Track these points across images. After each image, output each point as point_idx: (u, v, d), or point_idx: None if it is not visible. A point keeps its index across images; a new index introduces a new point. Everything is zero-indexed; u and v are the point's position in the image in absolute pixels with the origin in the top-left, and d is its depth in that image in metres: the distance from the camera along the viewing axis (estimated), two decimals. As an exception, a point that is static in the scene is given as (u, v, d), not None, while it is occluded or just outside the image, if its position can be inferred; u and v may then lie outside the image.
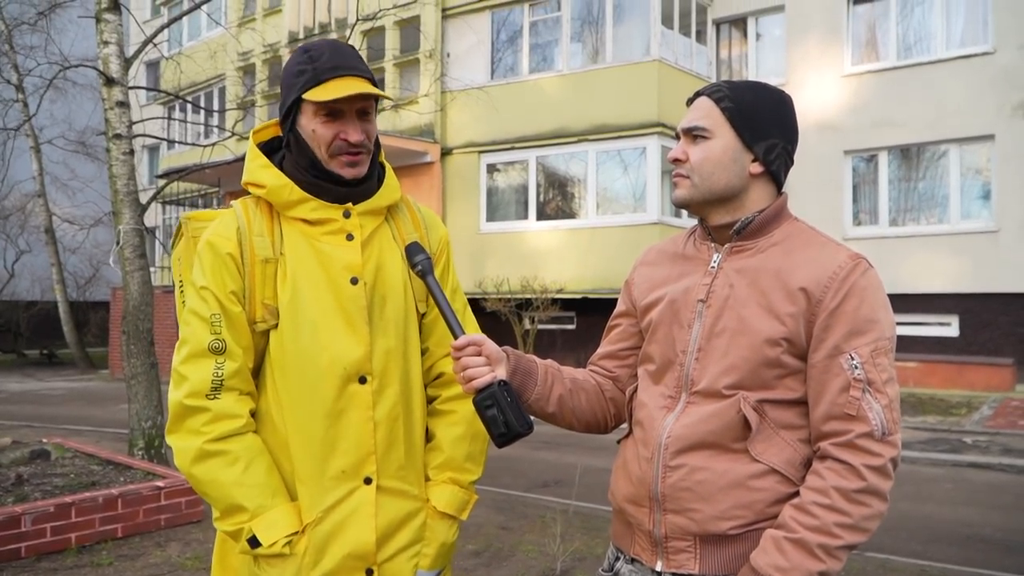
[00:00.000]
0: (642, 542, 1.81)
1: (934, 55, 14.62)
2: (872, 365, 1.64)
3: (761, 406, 1.70)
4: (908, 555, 5.60)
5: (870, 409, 1.62)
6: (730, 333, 1.73)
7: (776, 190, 1.84)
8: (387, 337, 1.90)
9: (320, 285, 1.85)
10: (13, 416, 12.45)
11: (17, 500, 5.33)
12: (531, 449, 9.37)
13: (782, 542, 1.60)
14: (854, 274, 1.69)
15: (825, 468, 1.63)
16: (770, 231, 1.80)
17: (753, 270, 1.76)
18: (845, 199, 15.39)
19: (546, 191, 17.05)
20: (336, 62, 1.82)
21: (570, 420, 1.98)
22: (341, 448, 1.84)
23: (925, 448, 9.68)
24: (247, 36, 19.89)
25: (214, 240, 1.85)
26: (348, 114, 1.84)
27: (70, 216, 23.23)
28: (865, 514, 1.60)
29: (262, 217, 1.88)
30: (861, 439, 1.61)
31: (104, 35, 7.50)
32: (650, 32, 15.48)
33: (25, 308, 24.50)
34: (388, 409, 1.88)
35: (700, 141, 1.80)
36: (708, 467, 1.69)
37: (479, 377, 1.74)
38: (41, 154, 22.45)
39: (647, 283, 1.96)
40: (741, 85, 1.83)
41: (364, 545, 1.84)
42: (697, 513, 1.69)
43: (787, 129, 1.82)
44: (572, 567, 4.94)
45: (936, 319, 14.38)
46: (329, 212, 1.87)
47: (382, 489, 1.87)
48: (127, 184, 7.46)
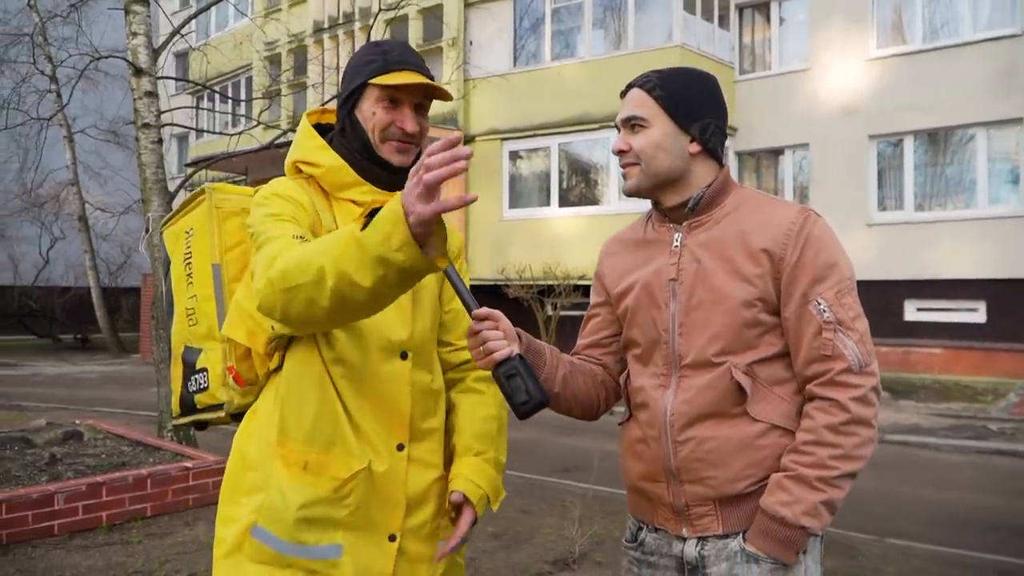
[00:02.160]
0: (664, 513, 1.90)
1: (961, 38, 14.43)
2: (839, 305, 1.77)
3: (751, 368, 1.81)
4: (929, 542, 5.63)
5: (844, 346, 1.74)
6: (707, 304, 1.84)
7: (717, 165, 1.94)
8: (424, 316, 1.99)
9: None
10: (48, 399, 12.71)
11: (50, 479, 5.50)
12: (551, 434, 9.46)
13: (783, 481, 1.74)
14: (807, 226, 1.81)
15: (813, 408, 1.76)
16: (721, 202, 1.91)
17: (715, 241, 1.87)
18: (870, 184, 15.26)
19: (568, 178, 17.07)
20: (405, 57, 1.96)
21: (571, 402, 2.04)
22: (380, 416, 1.91)
23: (949, 435, 9.66)
24: (273, 26, 20.03)
25: (281, 191, 1.88)
26: (407, 105, 1.95)
27: (102, 204, 23.54)
28: (855, 442, 1.73)
29: (317, 195, 1.96)
30: (841, 375, 1.74)
31: (133, 26, 7.64)
32: (672, 18, 15.42)
33: (60, 294, 24.87)
34: (424, 384, 1.97)
35: (639, 130, 1.91)
36: (715, 436, 1.81)
37: (499, 350, 1.79)
38: (74, 143, 22.76)
39: (615, 272, 2.05)
40: (669, 73, 1.93)
41: (396, 506, 1.91)
42: (713, 480, 1.81)
43: (717, 108, 1.93)
44: (591, 550, 5.02)
45: (963, 305, 14.23)
46: (379, 196, 1.95)
47: (412, 459, 1.95)
48: (155, 172, 7.60)
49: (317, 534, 1.85)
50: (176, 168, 25.11)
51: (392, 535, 1.92)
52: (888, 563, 5.09)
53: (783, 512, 1.72)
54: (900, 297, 14.65)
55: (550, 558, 4.95)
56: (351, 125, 1.97)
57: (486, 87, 16.79)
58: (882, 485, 7.33)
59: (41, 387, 14.80)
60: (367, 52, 1.98)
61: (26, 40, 20.74)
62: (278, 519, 1.84)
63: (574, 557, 4.90)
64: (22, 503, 5.02)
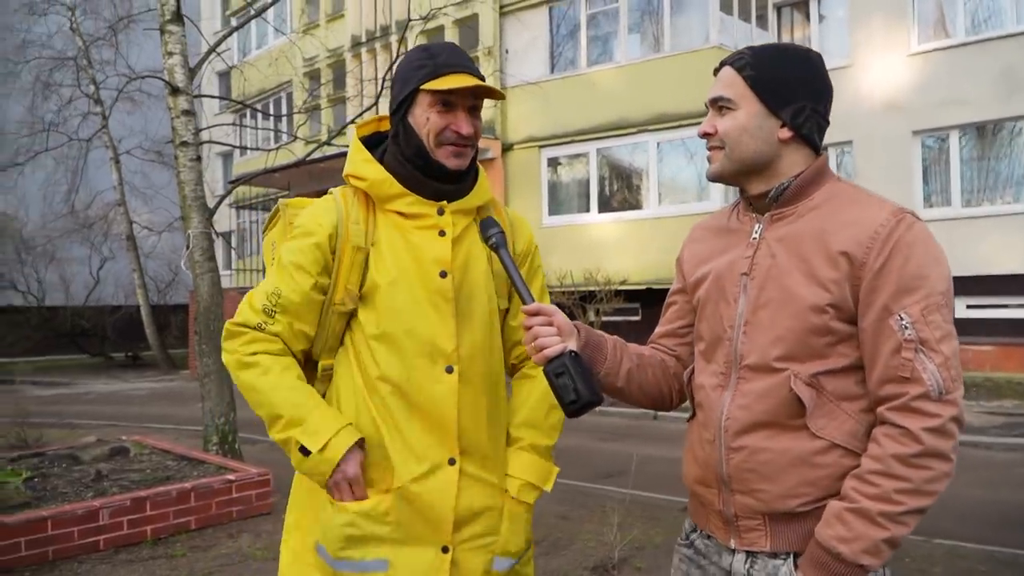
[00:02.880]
0: (715, 521, 1.82)
1: (1004, 30, 14.15)
2: (924, 323, 1.59)
3: (817, 379, 1.67)
4: (978, 541, 5.50)
5: (924, 369, 1.58)
6: (775, 304, 1.71)
7: (813, 153, 1.80)
8: (473, 331, 2.00)
9: (411, 275, 1.96)
10: (100, 416, 12.95)
11: (96, 495, 5.59)
12: (596, 440, 9.41)
13: (843, 513, 1.59)
14: (897, 230, 1.64)
15: (882, 435, 1.60)
16: (809, 195, 1.77)
17: (794, 237, 1.73)
18: (915, 181, 15.01)
19: (608, 183, 17.02)
20: (454, 60, 1.96)
21: (637, 395, 1.98)
22: (426, 429, 1.94)
23: (1000, 433, 9.46)
24: (311, 42, 20.26)
25: (310, 226, 2.00)
26: (460, 108, 1.96)
27: (149, 223, 23.96)
28: (926, 477, 1.56)
29: (359, 206, 2.01)
30: (916, 401, 1.57)
31: (168, 46, 7.78)
32: (709, 19, 15.33)
33: (110, 313, 25.29)
34: (473, 398, 1.98)
35: (726, 112, 1.78)
36: (769, 447, 1.69)
37: (550, 346, 1.76)
38: (120, 164, 23.21)
39: (695, 259, 1.96)
40: (764, 50, 1.80)
41: (441, 522, 1.93)
42: (763, 493, 1.70)
43: (815, 90, 1.78)
44: (630, 556, 4.98)
45: (1014, 301, 13.92)
46: (424, 207, 1.98)
47: (464, 473, 1.96)
48: (195, 190, 7.72)
49: (362, 550, 1.90)
50: (222, 186, 25.47)
51: (445, 547, 1.94)
52: (934, 563, 4.98)
53: (840, 548, 1.58)
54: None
55: (589, 564, 4.92)
56: (404, 131, 1.99)
57: (522, 95, 16.80)
58: (932, 486, 7.20)
59: (93, 405, 15.08)
60: (416, 57, 1.99)
61: (70, 64, 21.28)
62: (329, 536, 1.92)
63: (613, 563, 4.85)
64: (68, 519, 5.11)
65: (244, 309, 2.01)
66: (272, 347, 1.97)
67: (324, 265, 1.96)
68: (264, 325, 1.97)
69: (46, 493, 5.67)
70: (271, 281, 2.00)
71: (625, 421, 11.27)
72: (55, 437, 9.28)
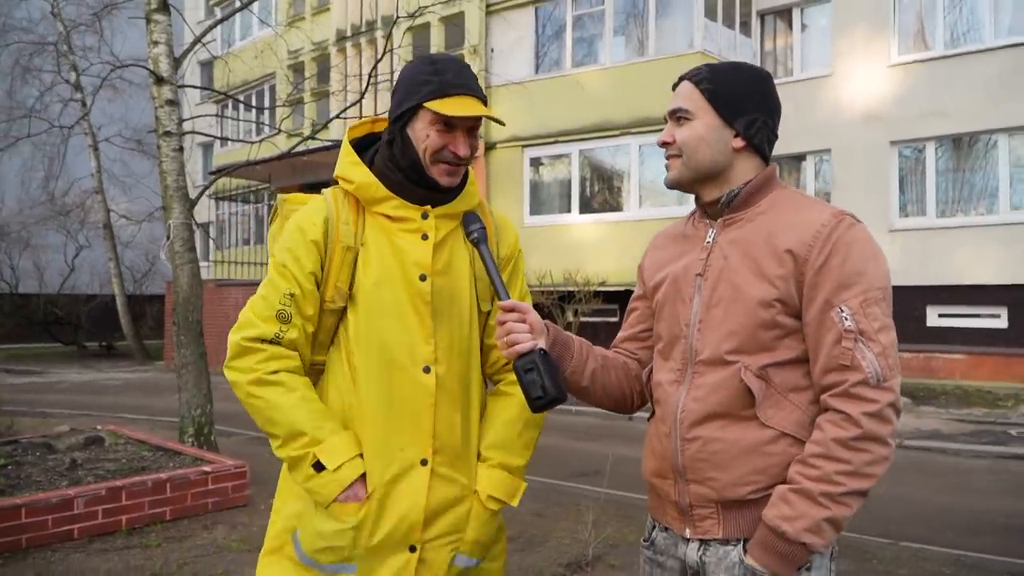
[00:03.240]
0: (672, 512, 1.90)
1: (982, 44, 14.35)
2: (863, 315, 1.70)
3: (766, 371, 1.77)
4: (944, 545, 5.60)
5: (863, 358, 1.67)
6: (727, 301, 1.81)
7: (763, 163, 1.92)
8: (452, 333, 2.04)
9: (394, 277, 2.00)
10: (73, 405, 12.88)
11: (71, 484, 5.58)
12: (571, 440, 9.48)
13: (787, 494, 1.69)
14: (837, 230, 1.75)
15: (825, 420, 1.70)
16: (758, 201, 1.88)
17: (744, 239, 1.84)
18: (892, 190, 15.19)
19: (589, 184, 17.10)
20: (460, 80, 1.97)
21: (600, 395, 2.07)
22: (402, 429, 1.99)
23: (969, 440, 9.60)
24: (296, 35, 20.20)
25: (303, 224, 2.03)
26: (460, 129, 1.99)
27: (127, 212, 23.80)
28: (865, 459, 1.66)
29: (349, 207, 2.05)
30: (856, 387, 1.67)
31: (154, 35, 7.75)
32: (694, 24, 15.44)
33: (85, 302, 25.14)
34: (448, 399, 2.02)
35: (684, 123, 1.91)
36: (721, 437, 1.78)
37: (521, 343, 1.84)
38: (99, 152, 23.04)
39: (654, 266, 2.07)
40: (720, 66, 1.92)
41: (412, 522, 1.97)
42: (715, 481, 1.79)
43: (766, 105, 1.90)
44: (604, 553, 5.04)
45: (985, 311, 14.14)
46: (409, 211, 2.03)
47: (435, 473, 2.01)
48: (176, 180, 7.70)
49: (331, 557, 1.98)
50: (202, 176, 25.34)
51: (412, 546, 1.99)
52: (901, 565, 5.07)
53: (784, 527, 1.67)
54: (922, 303, 14.56)
55: (564, 561, 4.97)
56: (402, 142, 2.01)
57: (507, 94, 16.85)
58: (900, 490, 7.29)
59: (66, 394, 14.98)
60: (422, 71, 1.99)
61: (50, 49, 21.12)
62: (306, 533, 2.00)
63: (587, 560, 4.92)
64: (42, 508, 5.10)
65: (253, 321, 2.00)
66: (291, 363, 1.99)
67: (320, 263, 2.01)
68: (281, 335, 1.97)
69: (20, 481, 5.65)
70: (278, 285, 2.01)
71: (600, 421, 11.34)
72: (28, 426, 9.24)
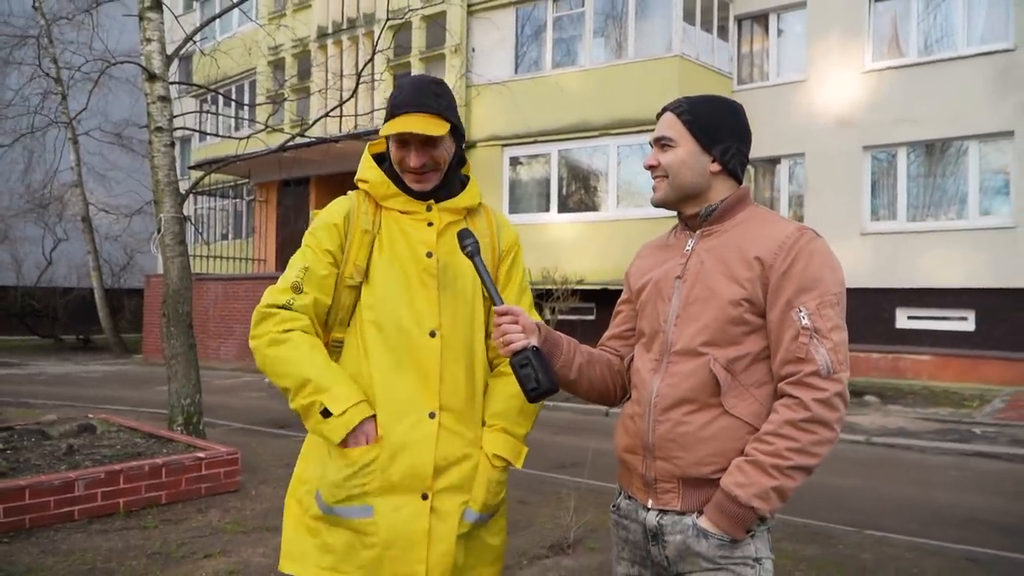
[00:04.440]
0: (637, 483, 2.16)
1: (955, 51, 14.72)
2: (818, 316, 1.95)
3: (732, 365, 2.02)
4: (907, 534, 5.85)
5: (816, 352, 1.92)
6: (701, 300, 2.07)
7: (736, 184, 2.20)
8: (455, 305, 2.35)
9: (404, 256, 2.33)
10: (55, 396, 12.95)
11: (69, 468, 5.75)
12: (552, 433, 9.71)
13: (743, 464, 1.94)
14: (800, 241, 2.01)
15: (780, 404, 1.96)
16: (732, 216, 2.15)
17: (719, 247, 2.11)
18: (863, 194, 15.54)
19: (568, 184, 17.34)
20: (409, 99, 2.31)
21: (586, 388, 2.33)
22: (410, 386, 2.26)
23: (934, 438, 9.90)
24: (277, 31, 20.29)
25: (327, 214, 2.40)
26: (412, 143, 2.32)
27: (106, 205, 23.76)
28: (812, 440, 1.91)
29: (368, 204, 2.40)
30: (809, 377, 1.92)
31: (147, 32, 7.90)
32: (672, 28, 15.70)
33: (62, 294, 25.07)
34: (452, 360, 2.31)
35: (667, 149, 2.18)
36: (689, 421, 2.02)
37: (515, 341, 2.10)
38: (79, 145, 23.00)
39: (639, 272, 2.33)
40: (699, 99, 2.21)
41: (423, 467, 2.22)
42: (680, 460, 2.03)
43: (739, 134, 2.20)
44: (584, 537, 5.28)
45: (953, 313, 14.52)
46: (415, 206, 2.38)
47: (443, 426, 2.27)
48: (168, 174, 7.86)
49: (351, 500, 2.21)
50: (180, 171, 25.33)
51: (424, 494, 2.23)
52: (864, 551, 5.34)
53: (736, 492, 1.92)
54: (892, 305, 14.94)
55: (546, 543, 5.22)
56: (389, 156, 2.38)
57: (488, 94, 17.05)
58: (866, 484, 7.59)
59: (46, 385, 15.02)
60: (393, 91, 2.39)
61: (32, 42, 21.07)
62: (326, 485, 2.24)
63: (569, 543, 5.16)
64: (44, 489, 5.29)
65: (272, 293, 2.31)
66: (301, 324, 2.27)
67: (340, 243, 2.33)
68: (292, 302, 2.27)
69: (19, 465, 5.81)
70: (296, 262, 2.34)
71: (578, 416, 11.59)
72: (14, 415, 9.35)
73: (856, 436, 9.97)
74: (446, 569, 2.21)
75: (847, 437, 9.88)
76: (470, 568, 2.31)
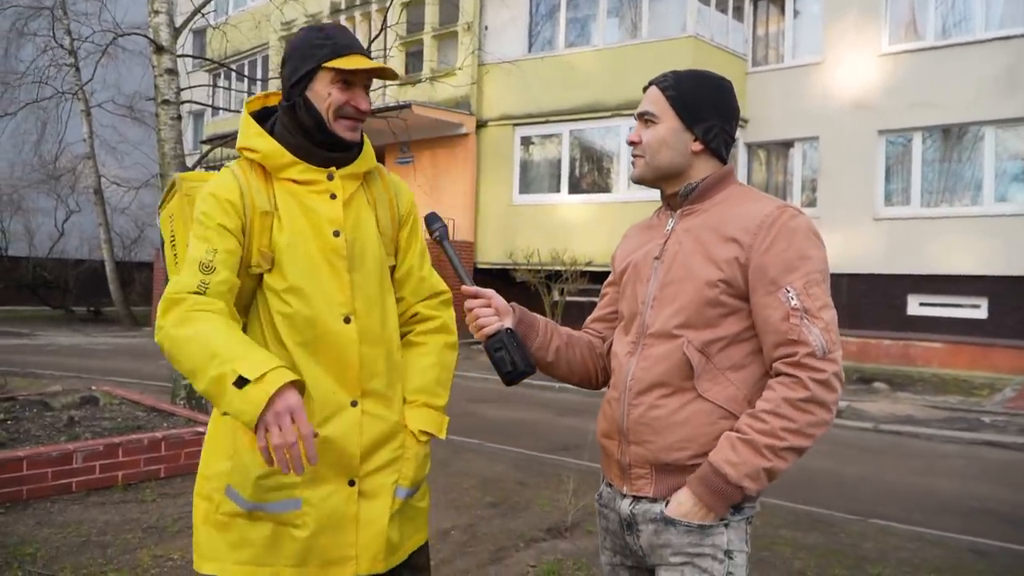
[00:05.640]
0: (615, 470, 2.11)
1: (973, 36, 14.54)
2: (806, 295, 1.87)
3: (707, 347, 1.95)
4: (910, 523, 5.80)
5: (809, 333, 1.85)
6: (678, 281, 2.00)
7: (720, 164, 2.11)
8: (367, 284, 2.20)
9: (308, 236, 2.13)
10: (62, 367, 12.99)
11: (69, 439, 5.74)
12: (554, 415, 9.66)
13: (735, 441, 1.87)
14: (781, 219, 1.93)
15: (776, 382, 1.88)
16: (713, 195, 2.07)
17: (698, 227, 2.03)
18: (878, 179, 15.40)
19: (579, 165, 17.24)
20: (351, 42, 2.15)
21: (565, 370, 2.28)
22: (329, 375, 2.14)
23: (942, 426, 9.82)
24: (290, 6, 20.16)
25: (216, 190, 2.10)
26: (358, 86, 2.16)
27: (118, 178, 23.75)
28: (809, 420, 1.84)
29: (256, 177, 2.15)
30: (806, 358, 1.84)
31: (155, 4, 7.84)
32: (686, 8, 15.56)
33: (73, 266, 25.09)
34: (370, 345, 2.18)
35: (650, 125, 2.09)
36: (662, 405, 1.97)
37: (488, 325, 2.05)
38: (91, 117, 22.99)
39: (623, 254, 2.26)
40: (685, 75, 2.10)
41: (350, 457, 2.14)
42: (651, 444, 1.98)
43: (725, 112, 2.08)
44: (582, 520, 5.24)
45: (965, 301, 14.39)
46: (315, 174, 2.16)
47: (366, 413, 2.17)
48: (174, 148, 7.82)
49: (276, 494, 2.10)
50: (192, 144, 25.33)
51: (351, 480, 2.15)
52: (866, 539, 5.29)
53: (727, 469, 1.85)
54: (904, 291, 14.82)
55: (544, 526, 5.18)
56: (304, 105, 2.14)
57: (499, 73, 16.94)
58: (871, 471, 7.53)
59: (54, 356, 15.07)
60: (314, 36, 2.16)
61: (46, 13, 21.03)
62: (244, 483, 2.11)
63: (567, 526, 5.12)
64: (42, 461, 5.28)
65: (176, 280, 2.02)
66: (218, 308, 1.98)
67: (240, 224, 2.09)
68: (204, 286, 1.99)
69: (19, 436, 5.81)
70: (197, 246, 2.05)
71: (580, 398, 11.52)
72: (19, 386, 9.35)
73: (864, 423, 9.90)
74: (379, 549, 2.14)
75: (854, 424, 9.83)
76: (407, 538, 2.26)
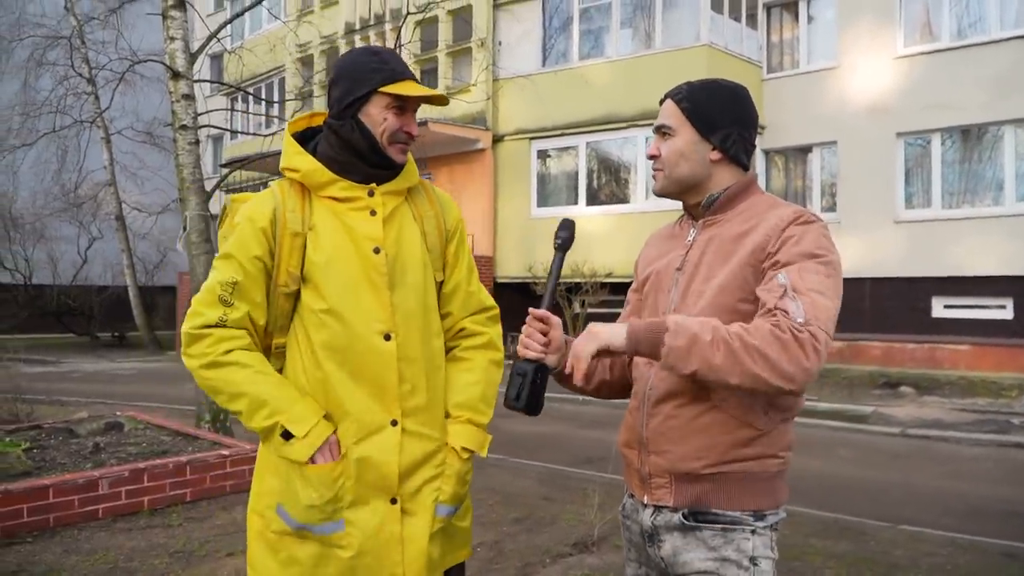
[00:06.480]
0: (635, 480, 2.11)
1: (988, 36, 14.42)
2: (799, 277, 1.82)
3: None
4: (941, 528, 5.73)
5: (791, 303, 1.77)
6: (697, 292, 2.01)
7: (742, 171, 2.11)
8: (407, 301, 2.20)
9: (348, 253, 2.15)
10: (87, 393, 13.10)
11: (95, 466, 5.77)
12: (578, 428, 9.63)
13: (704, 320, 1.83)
14: (795, 223, 1.92)
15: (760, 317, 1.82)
16: (736, 205, 2.07)
17: (720, 237, 2.03)
18: (897, 182, 15.28)
19: (596, 176, 17.24)
20: (405, 68, 2.19)
21: (606, 395, 2.33)
22: (369, 395, 2.14)
23: (971, 429, 9.73)
24: (305, 28, 20.35)
25: (252, 215, 2.16)
26: (410, 111, 2.20)
27: (138, 204, 23.99)
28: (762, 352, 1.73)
29: (295, 196, 2.19)
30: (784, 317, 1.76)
31: (170, 31, 7.93)
32: (700, 17, 15.55)
33: (97, 292, 25.31)
34: (410, 363, 2.18)
35: (667, 137, 2.10)
36: (679, 414, 1.97)
37: (530, 352, 2.05)
38: (111, 144, 23.24)
39: (645, 262, 2.27)
40: (698, 85, 2.11)
41: (388, 478, 2.14)
42: (669, 454, 1.98)
43: (742, 118, 2.09)
44: (609, 534, 5.20)
45: (990, 302, 14.21)
46: (355, 191, 2.19)
47: (407, 432, 2.17)
48: (193, 172, 7.89)
49: (319, 517, 2.12)
50: (212, 168, 25.55)
51: (393, 498, 2.15)
52: (896, 547, 5.22)
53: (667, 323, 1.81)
54: (927, 294, 14.68)
55: (570, 541, 5.15)
56: (357, 127, 2.17)
57: (514, 87, 16.99)
58: (900, 476, 7.45)
59: (80, 383, 15.20)
60: (369, 60, 2.18)
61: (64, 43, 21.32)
62: (293, 504, 2.13)
63: (593, 540, 5.09)
64: (69, 488, 5.30)
65: (198, 310, 2.12)
66: (242, 342, 2.11)
67: (268, 248, 2.14)
68: (225, 318, 2.10)
69: (45, 464, 5.85)
70: (220, 273, 2.14)
71: (603, 410, 11.47)
72: (45, 413, 9.42)
73: (891, 428, 9.81)
74: (421, 568, 2.15)
75: (882, 429, 9.74)
76: (447, 554, 2.26)
